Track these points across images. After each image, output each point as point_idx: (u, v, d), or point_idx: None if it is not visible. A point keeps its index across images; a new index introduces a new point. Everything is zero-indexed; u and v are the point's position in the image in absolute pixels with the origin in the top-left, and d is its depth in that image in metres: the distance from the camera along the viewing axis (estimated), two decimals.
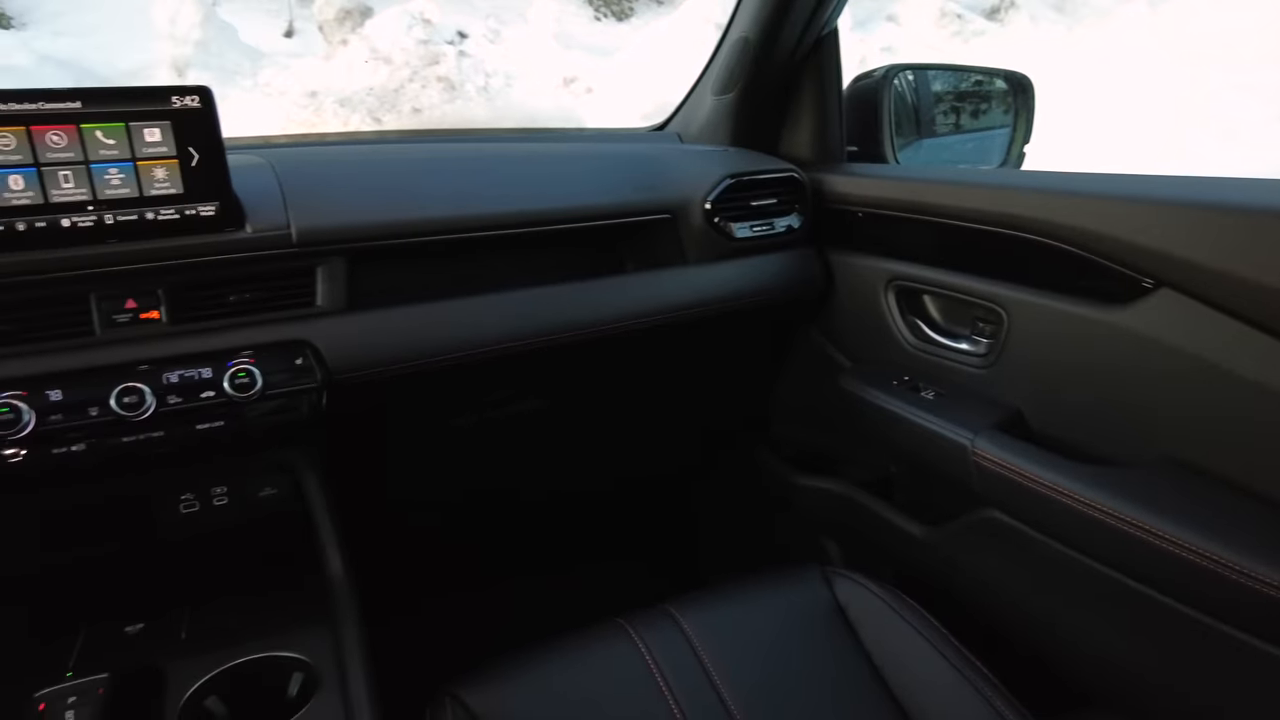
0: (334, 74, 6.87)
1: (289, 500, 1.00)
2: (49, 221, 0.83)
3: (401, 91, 6.68)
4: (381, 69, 6.83)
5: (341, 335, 0.94)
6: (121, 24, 7.34)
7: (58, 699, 0.76)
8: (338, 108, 6.38)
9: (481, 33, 7.88)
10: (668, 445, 1.58)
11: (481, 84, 6.99)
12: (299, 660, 0.84)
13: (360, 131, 5.23)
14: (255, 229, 0.90)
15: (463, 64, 7.01)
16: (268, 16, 8.50)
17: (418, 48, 6.87)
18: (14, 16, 7.46)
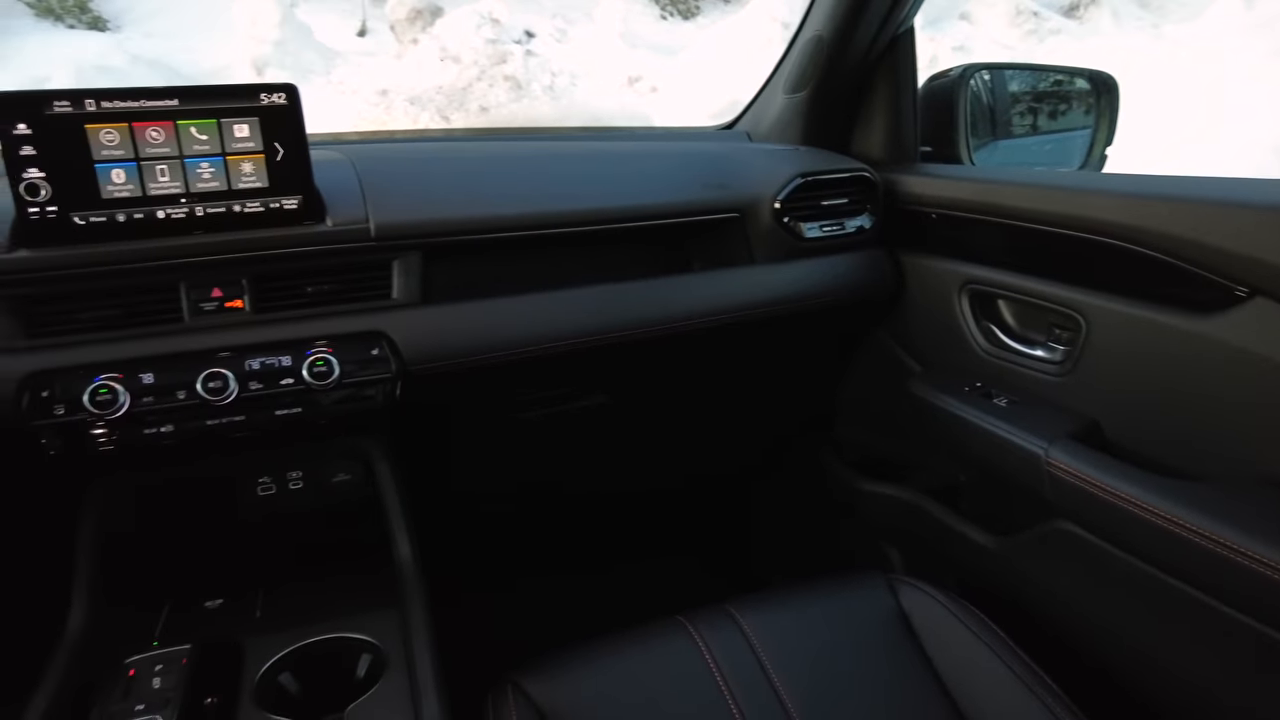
0: (404, 72, 7.03)
1: (361, 486, 1.03)
2: (146, 213, 0.88)
3: (469, 90, 6.79)
4: (450, 68, 6.96)
5: (416, 327, 0.96)
6: (206, 25, 7.64)
7: (146, 665, 0.80)
8: (408, 105, 6.52)
9: (548, 32, 7.96)
10: (729, 445, 1.57)
11: (547, 83, 7.07)
12: (368, 642, 0.86)
13: (432, 129, 5.33)
14: (335, 222, 0.93)
15: (529, 63, 7.10)
16: (342, 16, 8.73)
17: (486, 47, 6.98)
18: (110, 20, 7.84)
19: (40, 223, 0.84)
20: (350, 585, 0.96)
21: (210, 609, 0.94)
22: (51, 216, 0.85)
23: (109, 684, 0.78)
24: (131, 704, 0.75)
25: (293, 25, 7.57)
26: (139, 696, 0.76)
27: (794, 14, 1.29)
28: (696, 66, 7.67)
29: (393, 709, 0.77)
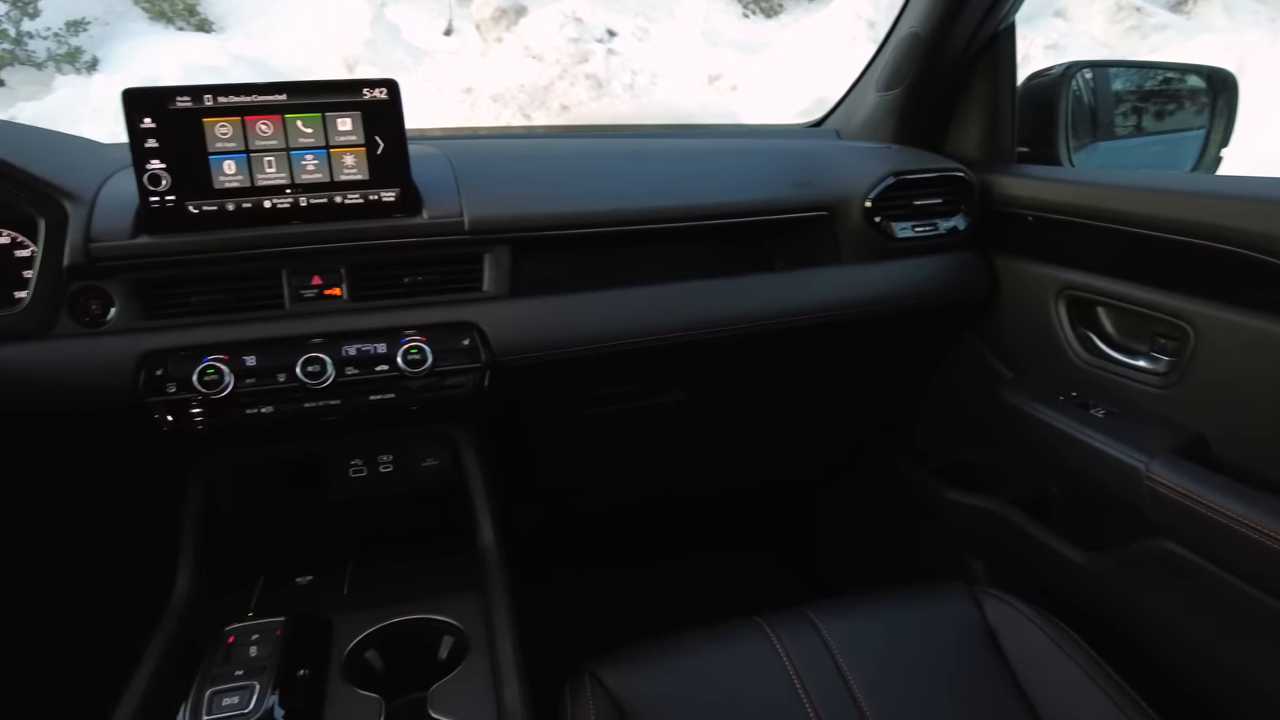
0: (488, 71, 7.16)
1: (447, 472, 1.06)
2: (254, 202, 0.92)
3: (551, 89, 6.88)
4: (533, 66, 7.06)
5: (504, 319, 0.98)
6: (301, 26, 7.93)
7: (244, 634, 0.84)
8: (490, 103, 6.64)
9: (630, 30, 7.99)
10: (805, 447, 1.55)
11: (628, 81, 7.10)
12: (450, 624, 0.88)
13: (522, 126, 5.43)
14: (431, 215, 0.95)
15: (611, 62, 7.14)
16: (430, 15, 8.95)
17: (568, 45, 7.05)
18: (215, 21, 8.22)
19: (160, 210, 0.89)
20: (433, 568, 0.99)
21: (301, 584, 0.98)
22: (170, 205, 0.89)
23: (210, 649, 0.82)
24: (231, 669, 0.79)
25: (383, 25, 7.80)
26: (238, 663, 0.80)
27: (879, 11, 1.26)
28: (778, 65, 7.59)
29: (474, 691, 0.78)
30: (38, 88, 6.75)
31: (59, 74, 7.17)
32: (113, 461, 1.02)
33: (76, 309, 0.90)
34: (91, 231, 0.88)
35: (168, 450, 0.96)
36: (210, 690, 0.76)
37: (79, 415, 0.90)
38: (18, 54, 7.23)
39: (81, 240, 0.88)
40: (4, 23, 7.13)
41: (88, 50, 7.54)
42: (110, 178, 0.94)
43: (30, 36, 7.27)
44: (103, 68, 7.32)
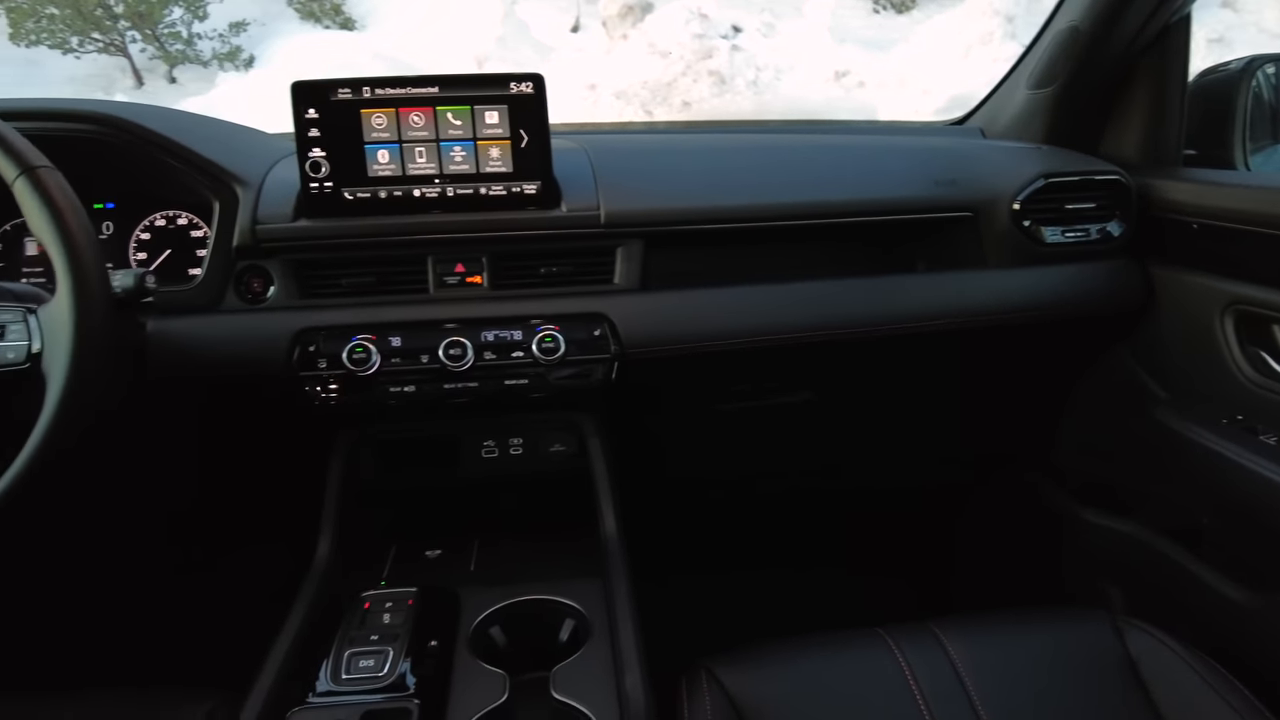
0: (612, 67, 7.24)
1: (574, 458, 1.08)
2: (404, 191, 0.96)
3: (674, 85, 6.88)
4: (656, 63, 7.08)
5: (635, 312, 0.99)
6: (435, 23, 8.25)
7: (378, 601, 0.88)
8: (613, 100, 6.71)
9: (755, 26, 7.90)
10: (935, 457, 1.50)
11: (751, 78, 7.01)
12: (572, 608, 0.90)
13: (663, 122, 5.46)
14: (569, 208, 0.97)
15: (735, 58, 7.07)
16: (559, 12, 9.12)
17: (693, 42, 7.03)
18: (357, 20, 8.67)
19: (319, 196, 0.95)
20: (556, 551, 1.01)
21: (430, 558, 1.02)
22: (328, 191, 0.95)
23: (349, 612, 0.87)
24: (367, 633, 0.84)
25: (513, 22, 8.02)
26: (373, 628, 0.84)
27: (1017, 6, 1.20)
28: (910, 62, 7.33)
29: (595, 676, 0.79)
30: (203, 84, 7.31)
31: (221, 71, 7.74)
32: (266, 430, 1.09)
33: (241, 286, 0.97)
34: (258, 214, 0.95)
35: (315, 422, 1.02)
36: (349, 651, 0.81)
37: (239, 384, 0.97)
38: (188, 53, 7.86)
39: (249, 222, 0.94)
40: (179, 25, 7.76)
41: (246, 49, 8.10)
42: (275, 164, 1.01)
43: (199, 37, 7.88)
44: (258, 64, 7.84)
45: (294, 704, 0.76)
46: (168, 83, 7.91)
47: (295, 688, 0.79)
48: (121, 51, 7.67)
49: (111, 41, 7.58)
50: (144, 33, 7.64)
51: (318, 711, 0.75)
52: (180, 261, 1.07)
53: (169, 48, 7.82)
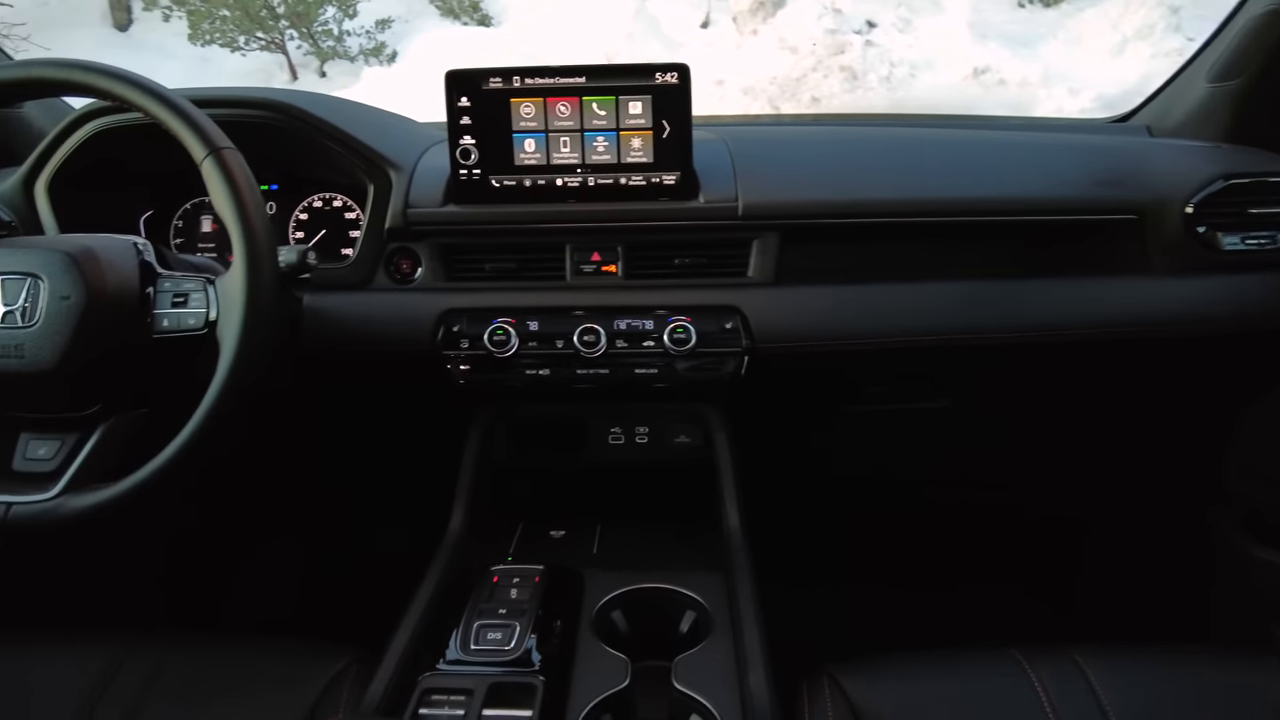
0: (741, 63, 7.18)
1: (699, 450, 1.08)
2: (548, 180, 0.98)
3: (803, 81, 6.76)
4: (786, 58, 6.97)
5: (768, 306, 0.98)
6: (567, 20, 8.41)
7: (507, 576, 0.91)
8: (740, 95, 6.66)
9: (891, 21, 7.64)
10: (1081, 475, 1.40)
11: (884, 74, 6.80)
12: (694, 600, 0.90)
13: (808, 114, 5.41)
14: (707, 199, 0.97)
15: (868, 54, 6.87)
16: (689, 8, 9.12)
17: (825, 37, 6.88)
18: (494, 17, 8.97)
19: (468, 183, 0.98)
20: (677, 542, 1.01)
21: (555, 538, 1.05)
22: (476, 178, 0.98)
23: (478, 584, 0.90)
24: (495, 606, 0.86)
25: (644, 18, 8.08)
26: (501, 601, 0.87)
27: None
28: (1057, 57, 6.93)
29: (717, 671, 0.79)
30: (349, 79, 7.75)
31: (366, 66, 8.18)
32: (408, 404, 1.14)
33: (391, 267, 1.02)
34: (410, 199, 0.99)
35: (454, 400, 1.06)
36: (478, 623, 0.83)
37: (385, 359, 1.02)
38: (338, 49, 8.35)
39: (401, 206, 0.99)
40: (331, 23, 8.27)
41: (390, 45, 8.52)
42: (426, 151, 1.05)
43: (348, 34, 8.36)
44: (400, 59, 8.23)
45: (424, 669, 0.79)
46: (318, 77, 8.42)
47: (426, 653, 0.82)
48: (280, 49, 8.23)
49: (272, 40, 8.14)
50: (301, 31, 8.17)
51: (447, 678, 0.77)
52: (334, 242, 1.13)
53: (321, 44, 8.34)
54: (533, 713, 0.73)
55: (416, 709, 0.74)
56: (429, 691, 0.75)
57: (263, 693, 0.85)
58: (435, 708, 0.74)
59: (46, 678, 0.87)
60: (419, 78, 7.04)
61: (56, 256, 0.77)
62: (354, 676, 0.85)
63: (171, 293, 0.81)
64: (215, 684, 0.86)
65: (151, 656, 0.88)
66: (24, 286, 0.76)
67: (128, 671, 0.87)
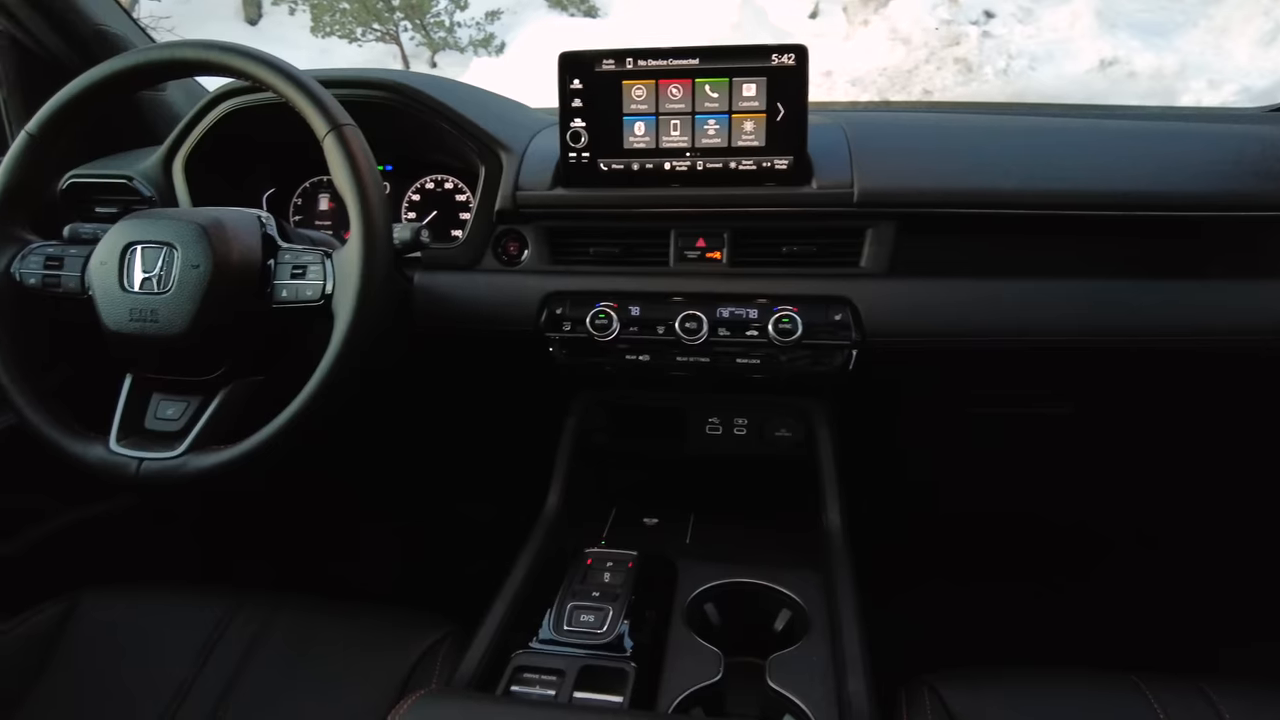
0: (850, 54, 7.01)
1: (800, 445, 1.05)
2: (655, 164, 0.97)
3: (914, 73, 6.54)
4: (898, 49, 6.76)
5: (881, 298, 0.94)
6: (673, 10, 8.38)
7: (600, 560, 0.90)
8: (849, 86, 6.50)
9: (1010, 11, 7.30)
10: (1213, 499, 1.30)
11: (1001, 66, 6.50)
12: (790, 598, 0.87)
13: (926, 101, 5.25)
14: (821, 185, 0.93)
15: (984, 45, 6.59)
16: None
17: (940, 28, 6.64)
18: (600, 8, 9.04)
19: (576, 166, 0.98)
20: (773, 537, 0.99)
21: (648, 525, 1.04)
22: (585, 161, 0.98)
23: (572, 566, 0.90)
24: (588, 588, 0.86)
25: (751, 8, 7.98)
26: (594, 584, 0.87)
27: None
28: (1196, 47, 6.47)
29: (813, 673, 0.76)
30: (458, 69, 7.96)
31: (475, 56, 8.39)
32: (509, 384, 1.16)
33: (499, 249, 1.03)
34: (520, 182, 1.00)
35: (554, 382, 1.07)
36: (571, 604, 0.83)
37: (489, 339, 1.03)
38: (448, 40, 8.61)
39: (511, 189, 0.99)
40: (443, 15, 8.52)
41: (498, 36, 8.71)
42: (537, 134, 1.05)
43: (459, 25, 8.60)
44: (508, 50, 8.40)
45: (518, 646, 0.80)
46: (429, 67, 8.68)
47: (519, 630, 0.82)
48: (394, 40, 8.53)
49: (387, 31, 8.44)
50: (414, 22, 8.45)
51: (540, 657, 0.78)
52: (445, 223, 1.15)
53: (433, 35, 8.60)
54: (624, 699, 0.72)
55: (509, 685, 0.75)
56: (521, 669, 0.76)
57: (360, 659, 0.87)
58: (527, 685, 0.74)
59: (169, 624, 0.92)
60: (525, 68, 7.19)
61: (189, 227, 0.80)
62: (448, 649, 0.86)
63: (291, 265, 0.83)
64: (316, 645, 0.89)
65: (259, 614, 0.92)
66: (160, 255, 0.80)
67: (239, 625, 0.91)
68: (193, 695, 0.85)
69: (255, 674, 0.86)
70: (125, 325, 0.81)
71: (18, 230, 0.87)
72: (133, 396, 0.85)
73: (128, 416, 0.84)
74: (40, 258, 0.86)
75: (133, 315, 0.80)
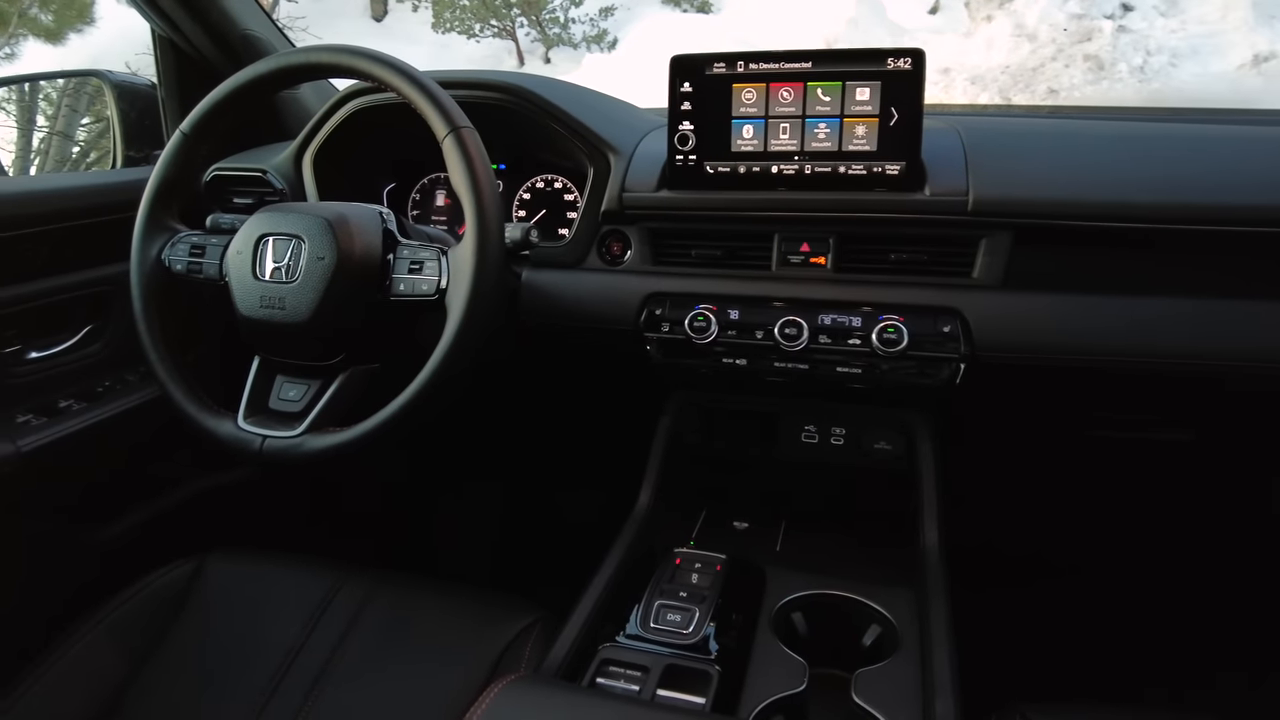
0: (970, 51, 6.74)
1: (899, 459, 1.03)
2: (763, 167, 0.96)
3: (1040, 71, 6.22)
4: (1023, 46, 6.46)
5: (993, 312, 0.90)
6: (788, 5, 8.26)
7: (688, 560, 0.91)
8: (968, 85, 6.25)
9: (1151, 3, 6.85)
10: None
11: (1138, 63, 6.10)
12: (880, 614, 0.86)
13: (1048, 105, 5.03)
14: (934, 192, 0.91)
15: (1119, 40, 6.20)
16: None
17: (1069, 23, 6.30)
18: (714, 4, 9.01)
19: (683, 168, 0.98)
20: (865, 551, 0.97)
21: (738, 529, 1.04)
22: (691, 164, 0.98)
23: (661, 564, 0.91)
24: (676, 588, 0.87)
25: (868, 3, 7.79)
26: (682, 584, 0.88)
27: None
28: None
29: (901, 691, 0.75)
30: (571, 64, 8.10)
31: (587, 52, 8.52)
32: (607, 380, 1.18)
33: (603, 248, 1.05)
34: (626, 183, 1.01)
35: (650, 382, 1.08)
36: (659, 602, 0.85)
37: (590, 336, 1.05)
38: (562, 36, 8.77)
39: (618, 190, 1.01)
40: (558, 11, 8.69)
41: (611, 32, 8.81)
42: (645, 136, 1.07)
43: (573, 22, 8.75)
44: (620, 46, 8.49)
45: (605, 639, 0.82)
46: (543, 63, 8.88)
47: (607, 623, 0.84)
48: (511, 36, 8.76)
49: (504, 27, 8.68)
50: (530, 18, 8.65)
51: (626, 652, 0.79)
52: (552, 221, 1.18)
53: (548, 31, 8.79)
54: (706, 700, 0.73)
55: (594, 677, 0.76)
56: (608, 662, 0.78)
57: (453, 638, 0.91)
58: (612, 679, 0.76)
59: (283, 589, 0.99)
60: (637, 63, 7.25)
61: (317, 221, 0.85)
62: (537, 635, 0.89)
63: (409, 260, 0.87)
64: (413, 622, 0.94)
65: (363, 587, 0.98)
66: (290, 246, 0.86)
67: (344, 596, 0.97)
68: (300, 660, 0.90)
69: (356, 645, 0.92)
70: (256, 311, 0.87)
71: (169, 220, 0.95)
72: (259, 378, 0.91)
73: (254, 396, 0.90)
74: (186, 246, 0.93)
75: (263, 302, 0.86)
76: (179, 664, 0.92)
